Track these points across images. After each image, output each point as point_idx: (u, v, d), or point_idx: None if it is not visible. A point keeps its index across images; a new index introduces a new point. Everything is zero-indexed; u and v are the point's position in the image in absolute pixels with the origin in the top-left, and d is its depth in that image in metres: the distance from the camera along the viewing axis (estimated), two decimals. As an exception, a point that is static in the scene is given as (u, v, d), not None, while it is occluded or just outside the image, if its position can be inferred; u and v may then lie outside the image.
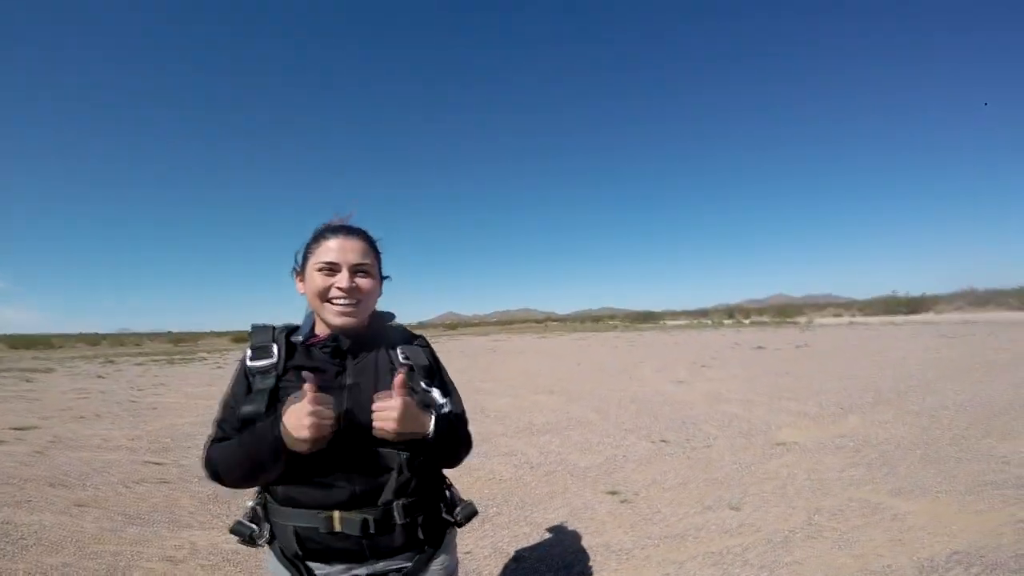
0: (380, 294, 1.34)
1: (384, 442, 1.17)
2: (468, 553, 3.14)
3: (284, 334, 1.29)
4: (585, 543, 3.25)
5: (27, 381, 12.66)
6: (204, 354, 25.88)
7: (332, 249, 1.24)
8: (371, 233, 1.34)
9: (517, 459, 5.12)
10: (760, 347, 17.08)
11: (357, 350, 1.28)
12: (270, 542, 1.24)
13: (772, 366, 11.84)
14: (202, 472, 1.25)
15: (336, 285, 1.23)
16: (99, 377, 13.90)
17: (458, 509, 1.34)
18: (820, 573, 2.74)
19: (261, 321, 1.33)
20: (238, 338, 44.89)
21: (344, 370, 1.25)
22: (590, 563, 2.99)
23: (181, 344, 39.49)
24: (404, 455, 1.19)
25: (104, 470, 4.86)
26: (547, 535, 3.40)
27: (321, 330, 1.29)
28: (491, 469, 4.77)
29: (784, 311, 45.12)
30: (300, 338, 1.28)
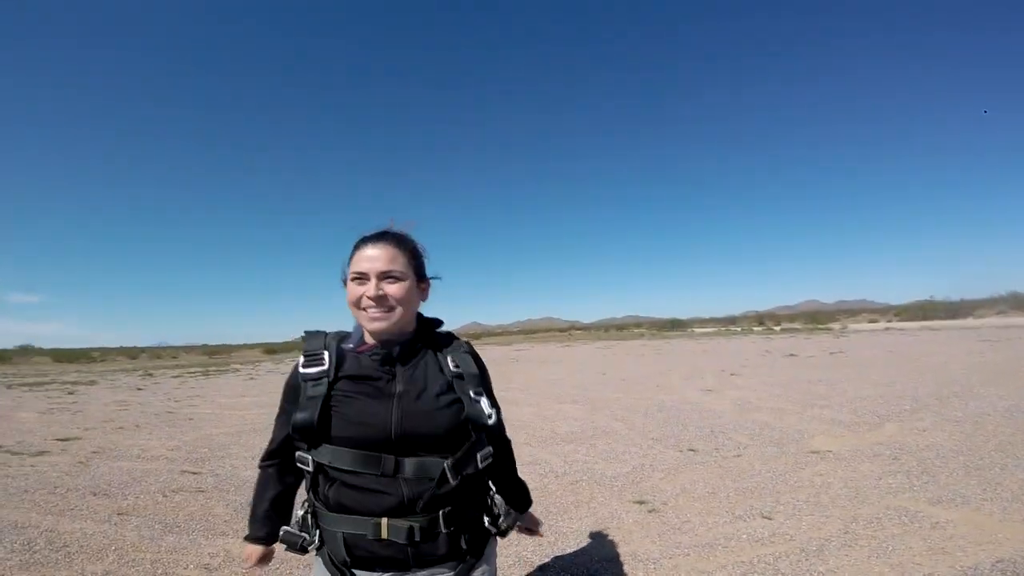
0: (424, 297, 1.36)
1: (430, 449, 1.19)
2: (492, 562, 3.11)
3: (336, 341, 1.31)
4: (611, 552, 3.20)
5: (70, 393, 13.03)
6: (237, 366, 26.37)
7: (363, 259, 1.27)
8: (411, 237, 1.35)
9: (541, 468, 5.08)
10: (792, 354, 16.70)
11: (407, 357, 1.28)
12: (319, 548, 1.27)
13: (805, 373, 11.55)
14: (236, 482, 1.29)
15: (365, 294, 1.25)
16: (138, 389, 14.25)
17: (501, 519, 1.35)
18: (857, 583, 2.64)
19: (312, 327, 1.37)
20: (269, 350, 45.76)
21: (394, 377, 1.25)
22: (616, 572, 2.94)
23: (215, 356, 40.38)
24: (449, 462, 1.20)
25: (143, 479, 4.98)
26: (572, 544, 3.36)
27: (370, 338, 1.31)
28: (516, 478, 4.71)
29: (816, 317, 44.06)
30: (351, 345, 1.30)
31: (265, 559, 1.44)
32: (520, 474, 1.56)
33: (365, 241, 1.30)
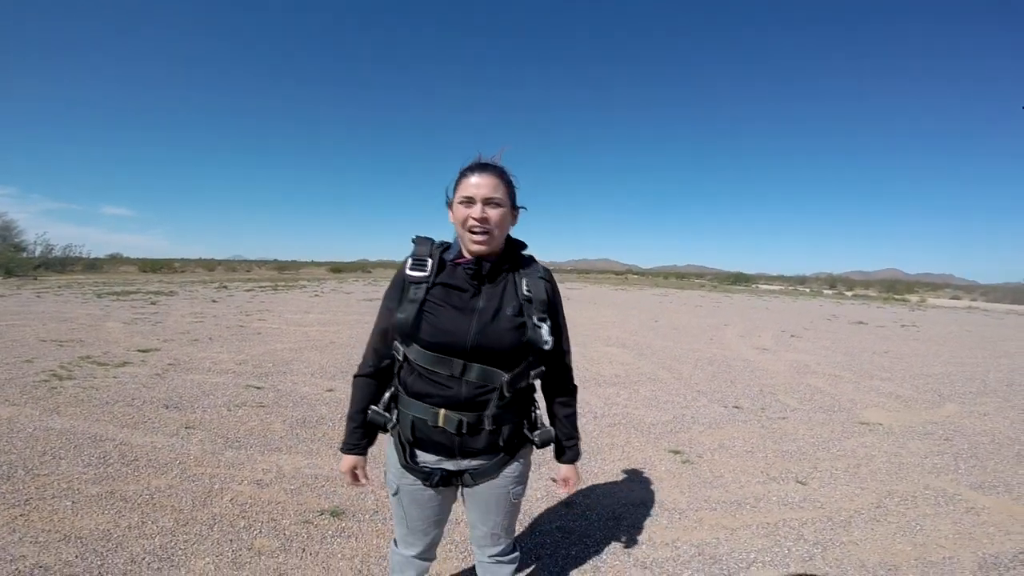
0: (515, 222, 1.56)
1: (494, 362, 1.44)
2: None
3: (440, 251, 1.53)
4: (638, 498, 3.33)
5: (152, 304, 13.81)
6: (304, 282, 27.72)
7: (470, 185, 1.46)
8: (507, 169, 1.53)
9: (581, 407, 5.20)
10: (860, 322, 16.00)
11: (494, 275, 1.51)
12: (393, 427, 1.57)
13: (870, 344, 11.10)
14: (295, 398, 1.50)
15: (471, 216, 1.44)
16: (213, 301, 14.99)
17: (537, 432, 1.61)
18: (876, 557, 2.70)
19: (423, 234, 1.60)
20: (334, 268, 47.77)
21: (479, 292, 1.48)
22: (640, 517, 3.07)
23: (285, 272, 42.49)
24: (506, 377, 1.45)
25: (212, 393, 5.30)
26: (601, 485, 3.52)
27: (467, 253, 1.51)
28: (556, 416, 4.89)
29: (894, 287, 41.38)
30: (451, 256, 1.52)
31: (360, 472, 1.66)
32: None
33: (472, 169, 1.49)
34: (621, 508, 3.19)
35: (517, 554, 1.79)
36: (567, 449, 1.69)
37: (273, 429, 4.31)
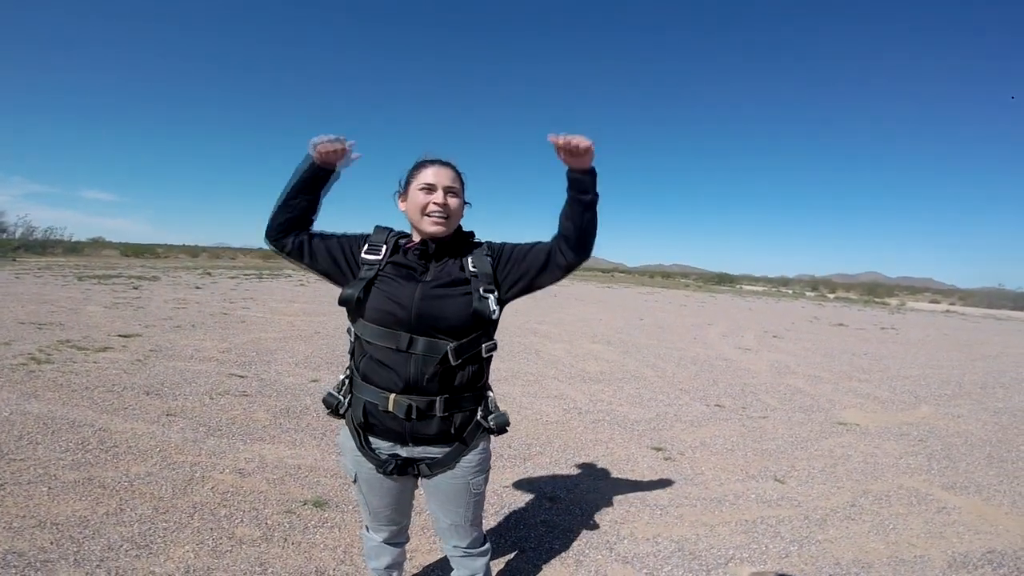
0: (462, 215, 1.62)
1: (441, 332, 1.46)
2: (505, 488, 3.33)
3: (396, 237, 1.61)
4: (621, 494, 3.36)
5: (135, 288, 13.61)
6: (290, 271, 27.47)
7: (430, 174, 1.53)
8: (458, 166, 1.61)
9: (566, 403, 5.29)
10: (841, 324, 16.25)
11: (440, 255, 1.56)
12: (345, 411, 1.59)
13: (850, 345, 11.30)
14: (279, 387, 1.50)
15: (433, 201, 1.51)
16: (196, 288, 14.79)
17: (492, 416, 1.60)
18: (850, 555, 2.76)
19: (383, 224, 1.66)
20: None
21: (427, 270, 1.54)
22: (622, 513, 3.10)
23: (270, 260, 41.98)
24: (453, 345, 1.46)
25: (194, 380, 5.23)
26: (585, 481, 3.55)
27: (417, 238, 1.59)
28: (539, 410, 4.96)
29: (874, 290, 41.99)
30: (404, 242, 1.60)
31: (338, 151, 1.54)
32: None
33: (432, 161, 1.57)
34: (604, 503, 3.22)
35: (488, 546, 1.79)
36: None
37: (256, 418, 4.28)
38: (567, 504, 3.19)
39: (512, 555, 2.60)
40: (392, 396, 1.47)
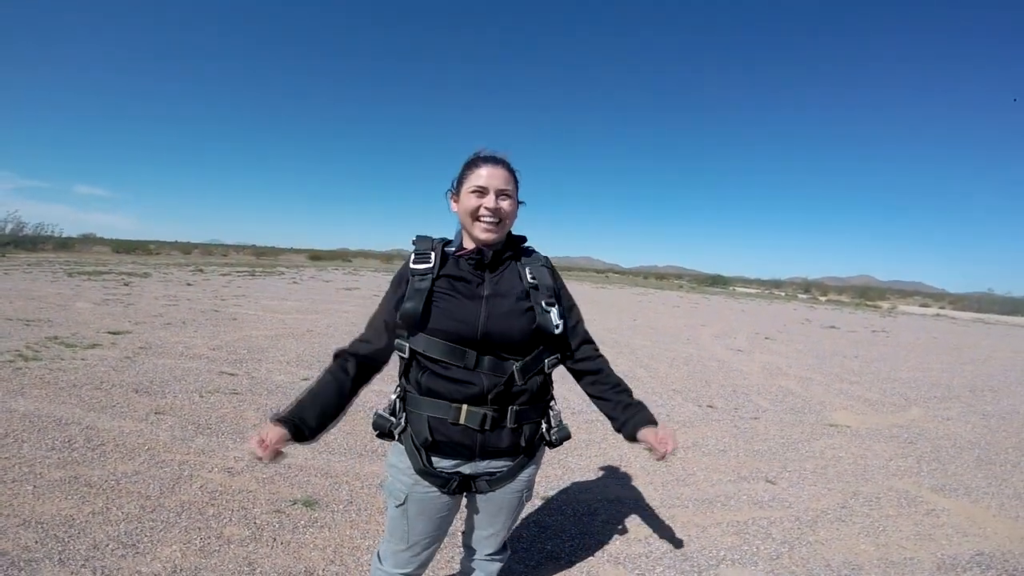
0: (516, 216, 1.54)
1: (506, 350, 1.43)
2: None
3: (441, 245, 1.53)
4: (613, 494, 3.37)
5: (125, 285, 13.48)
6: (283, 269, 27.35)
7: (483, 175, 1.45)
8: (511, 164, 1.53)
9: (560, 403, 5.25)
10: (833, 326, 16.34)
11: (495, 265, 1.50)
12: (401, 432, 1.48)
13: (841, 348, 11.35)
14: (269, 386, 1.45)
15: (484, 205, 1.43)
16: (188, 285, 14.69)
17: (554, 429, 1.56)
18: (840, 556, 2.77)
19: (422, 233, 1.59)
20: (314, 256, 47.17)
21: (483, 282, 1.47)
22: (615, 514, 3.10)
23: (263, 258, 41.82)
24: (518, 364, 1.43)
25: (183, 378, 5.17)
26: (578, 481, 3.55)
27: (468, 245, 1.51)
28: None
29: (866, 293, 42.29)
30: (452, 250, 1.52)
31: (278, 451, 1.40)
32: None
33: (485, 160, 1.48)
34: (596, 504, 3.22)
35: (508, 552, 1.77)
36: (637, 413, 1.58)
37: (246, 417, 4.24)
38: (559, 504, 3.18)
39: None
40: (464, 407, 1.39)
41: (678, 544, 2.80)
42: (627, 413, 1.59)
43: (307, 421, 1.46)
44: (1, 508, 2.62)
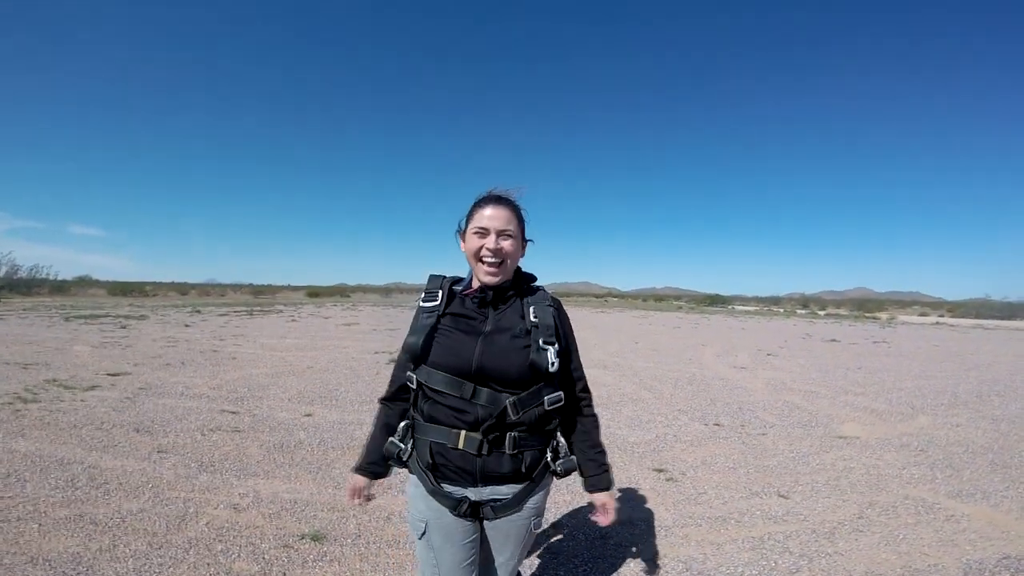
0: (522, 254, 1.60)
1: (501, 384, 1.45)
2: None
3: (450, 283, 1.59)
4: (624, 516, 3.30)
5: (122, 328, 13.49)
6: (280, 307, 27.32)
7: (485, 216, 1.50)
8: (518, 202, 1.58)
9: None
10: (834, 340, 16.32)
11: (498, 303, 1.54)
12: (409, 457, 1.54)
13: (844, 360, 11.32)
14: (271, 423, 1.44)
15: (485, 246, 1.48)
16: (186, 326, 14.68)
17: (560, 460, 1.56)
18: (861, 567, 2.72)
19: (435, 271, 1.65)
20: (312, 293, 47.17)
21: (487, 319, 1.51)
22: (627, 536, 3.05)
23: (260, 296, 41.82)
24: (512, 399, 1.44)
25: (185, 417, 5.13)
26: (588, 505, 3.48)
27: (476, 283, 1.56)
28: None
29: (864, 305, 42.44)
30: (460, 288, 1.58)
31: (367, 494, 1.65)
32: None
33: (488, 201, 1.53)
34: (608, 527, 3.14)
35: None
36: (591, 476, 1.64)
37: (249, 453, 4.19)
38: (570, 529, 3.13)
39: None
40: (463, 433, 1.43)
41: (694, 563, 2.74)
42: (596, 472, 1.65)
43: (376, 464, 1.62)
44: (8, 546, 2.58)
